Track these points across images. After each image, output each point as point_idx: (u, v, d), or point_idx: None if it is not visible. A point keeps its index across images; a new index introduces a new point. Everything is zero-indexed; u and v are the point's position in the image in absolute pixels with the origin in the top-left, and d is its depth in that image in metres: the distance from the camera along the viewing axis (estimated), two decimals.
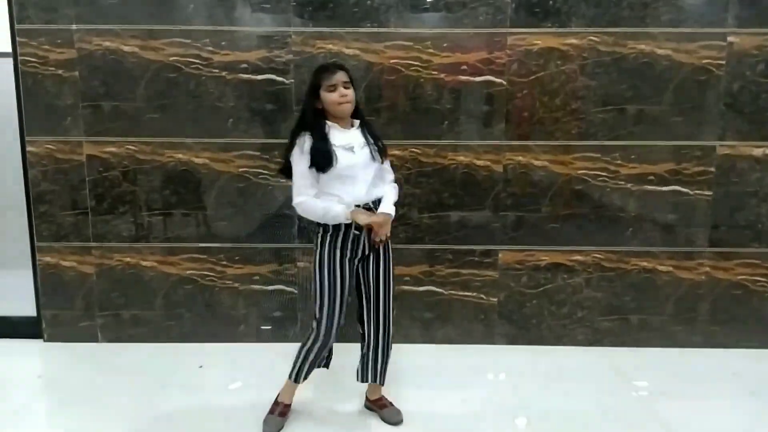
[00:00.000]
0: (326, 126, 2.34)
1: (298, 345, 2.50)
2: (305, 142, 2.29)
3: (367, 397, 2.67)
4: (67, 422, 2.59)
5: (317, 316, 2.42)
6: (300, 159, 2.30)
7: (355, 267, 2.43)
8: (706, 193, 3.15)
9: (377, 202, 2.39)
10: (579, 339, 3.30)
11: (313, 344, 2.45)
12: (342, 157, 2.29)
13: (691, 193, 3.16)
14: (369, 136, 2.41)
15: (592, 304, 3.27)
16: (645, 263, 3.23)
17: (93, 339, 3.33)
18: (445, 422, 2.57)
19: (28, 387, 2.90)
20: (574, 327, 3.29)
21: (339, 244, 2.37)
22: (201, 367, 3.06)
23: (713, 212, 3.17)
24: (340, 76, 2.31)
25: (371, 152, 2.37)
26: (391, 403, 2.62)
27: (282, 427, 2.52)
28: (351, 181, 2.34)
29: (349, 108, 2.34)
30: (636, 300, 3.26)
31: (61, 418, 2.64)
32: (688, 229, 3.19)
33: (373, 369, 2.53)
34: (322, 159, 2.28)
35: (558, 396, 2.79)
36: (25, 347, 3.29)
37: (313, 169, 2.29)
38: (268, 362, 3.10)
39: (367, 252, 2.41)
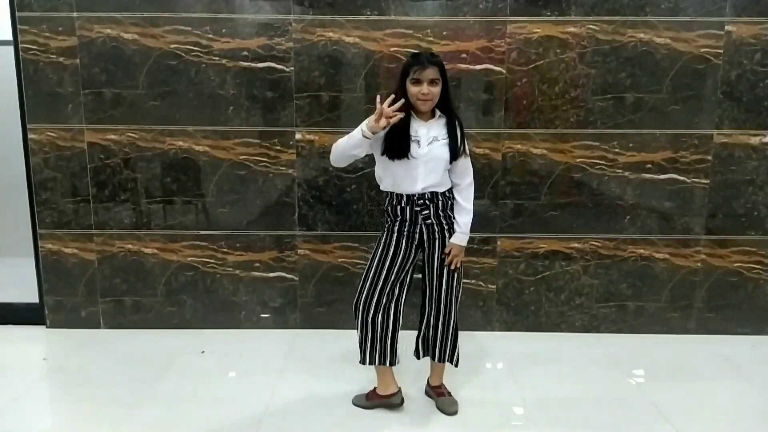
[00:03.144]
0: (409, 115, 2.32)
1: (298, 331, 2.52)
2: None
3: (428, 382, 2.67)
4: (69, 408, 2.62)
5: (358, 289, 2.49)
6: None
7: (414, 251, 2.45)
8: (703, 181, 3.18)
9: (436, 195, 2.38)
10: (576, 325, 3.34)
11: (356, 317, 2.51)
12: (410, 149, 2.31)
13: (688, 181, 3.19)
14: (448, 132, 2.37)
15: (590, 291, 3.30)
16: (642, 251, 3.26)
17: (95, 325, 3.35)
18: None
19: (32, 372, 2.93)
20: (572, 314, 3.33)
21: (398, 229, 2.42)
22: (203, 352, 3.09)
23: (710, 200, 3.20)
24: (429, 73, 2.26)
25: (441, 148, 2.34)
26: (449, 393, 2.60)
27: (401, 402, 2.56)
28: (410, 174, 2.35)
29: (429, 105, 2.31)
30: (633, 287, 3.30)
31: (63, 404, 2.68)
32: (684, 217, 3.22)
33: (433, 346, 2.55)
34: (397, 146, 2.30)
35: (555, 382, 2.82)
36: (28, 333, 3.32)
37: (364, 137, 2.25)
38: (269, 349, 3.13)
39: (428, 235, 2.42)
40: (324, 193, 3.22)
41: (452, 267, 2.43)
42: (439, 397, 2.58)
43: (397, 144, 2.31)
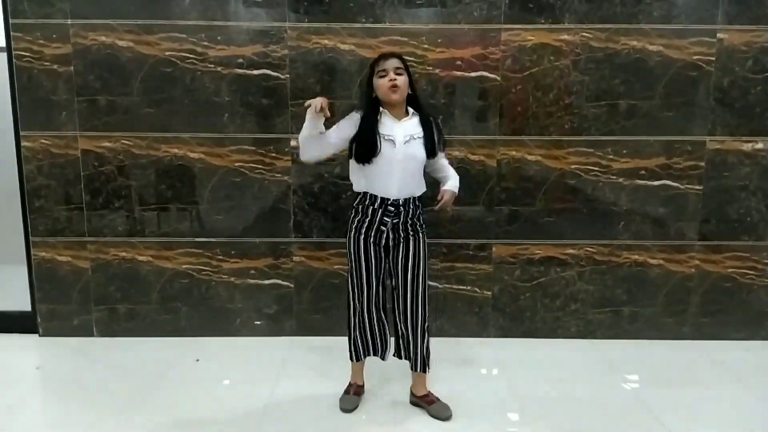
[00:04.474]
0: (379, 113, 2.38)
1: (293, 338, 2.52)
2: (354, 115, 2.39)
3: (412, 392, 2.65)
4: (63, 417, 2.59)
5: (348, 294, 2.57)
6: (339, 122, 2.41)
7: (380, 252, 2.49)
8: (697, 187, 3.20)
9: (410, 201, 2.42)
10: (572, 331, 3.34)
11: (350, 319, 2.59)
12: (383, 149, 2.34)
13: (681, 187, 3.21)
14: (424, 129, 2.41)
15: (585, 296, 3.31)
16: (636, 256, 3.27)
17: (88, 333, 3.33)
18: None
19: (25, 381, 2.90)
20: (567, 319, 3.34)
21: (364, 229, 2.44)
22: (198, 360, 3.07)
23: (703, 206, 3.22)
24: (392, 63, 2.33)
25: (417, 147, 2.38)
26: (438, 399, 2.59)
27: (357, 405, 2.60)
28: (386, 174, 2.37)
29: (399, 94, 2.34)
30: (627, 293, 3.31)
31: (57, 413, 2.65)
32: (678, 222, 3.24)
33: (411, 354, 2.57)
34: (366, 148, 2.34)
35: (551, 387, 2.82)
36: (20, 342, 3.30)
37: (335, 133, 2.38)
38: (264, 356, 3.12)
39: (393, 239, 2.46)
40: (319, 199, 3.22)
41: (440, 207, 2.46)
42: (430, 405, 2.57)
43: (366, 147, 2.35)
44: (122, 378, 2.89)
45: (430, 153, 2.40)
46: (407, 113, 2.42)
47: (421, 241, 2.49)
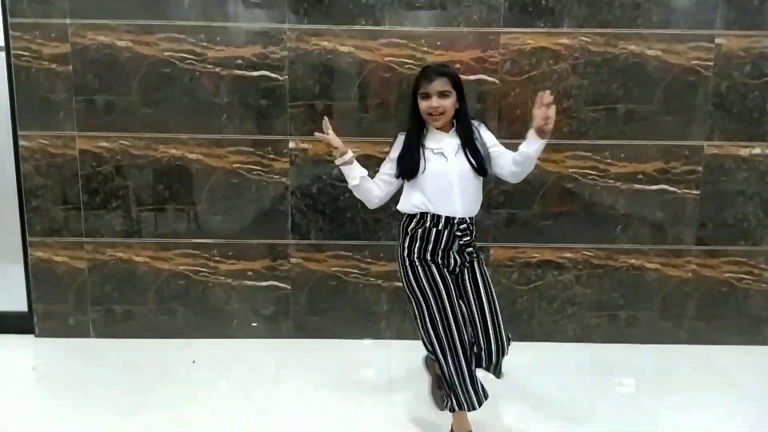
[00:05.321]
0: (424, 130, 2.25)
1: (290, 340, 2.49)
2: (399, 139, 2.28)
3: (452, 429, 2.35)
4: (60, 417, 2.59)
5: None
6: (389, 153, 2.30)
7: (445, 274, 2.24)
8: (694, 191, 3.21)
9: (473, 221, 2.25)
10: (569, 335, 3.35)
11: (444, 368, 2.21)
12: (432, 162, 2.18)
13: (679, 191, 3.21)
14: (468, 146, 2.20)
15: (582, 300, 3.32)
16: (633, 260, 3.28)
17: (85, 334, 3.32)
18: (433, 417, 2.58)
19: (21, 382, 2.89)
20: (564, 323, 3.34)
21: (430, 258, 2.22)
22: (194, 362, 3.07)
23: (701, 211, 3.23)
24: (437, 85, 2.14)
25: (470, 162, 2.19)
26: None
27: None
28: (445, 191, 2.18)
29: (441, 121, 2.19)
30: (624, 297, 3.31)
31: (54, 413, 2.64)
32: (675, 227, 3.25)
33: (491, 365, 2.32)
34: (407, 166, 2.20)
35: (548, 391, 2.83)
36: (16, 342, 3.28)
37: (391, 165, 2.26)
38: (261, 358, 3.11)
39: (458, 263, 2.25)
40: (317, 201, 3.21)
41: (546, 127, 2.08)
42: None
43: (409, 161, 2.20)
44: (118, 379, 2.88)
45: (478, 163, 2.19)
46: (453, 126, 2.27)
47: (482, 259, 2.33)
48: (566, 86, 3.11)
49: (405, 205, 2.29)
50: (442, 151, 2.20)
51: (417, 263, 2.23)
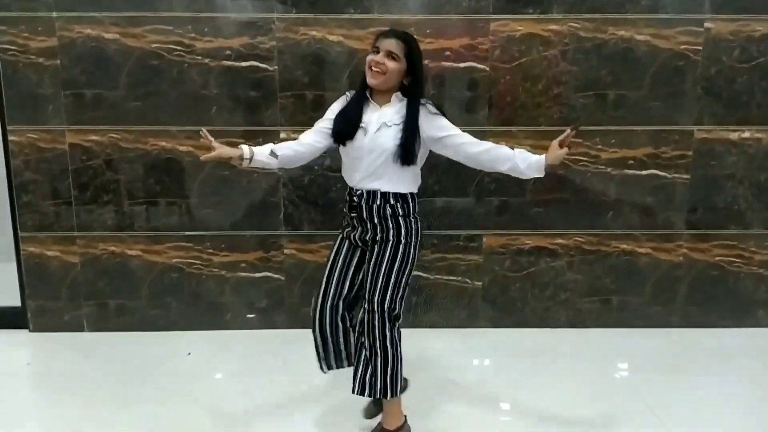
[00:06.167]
0: (364, 98, 2.17)
1: (285, 331, 2.51)
2: (341, 98, 2.23)
3: (380, 424, 2.34)
4: (56, 411, 2.59)
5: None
6: (331, 106, 2.24)
7: (352, 248, 2.29)
8: (684, 176, 3.22)
9: (374, 195, 2.16)
10: (562, 321, 3.37)
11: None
12: (357, 135, 2.14)
13: (669, 176, 3.23)
14: (407, 114, 2.11)
15: (574, 286, 3.34)
16: (625, 246, 3.30)
17: (79, 329, 3.32)
18: (431, 404, 2.61)
19: (16, 377, 2.89)
20: (557, 309, 3.36)
21: (344, 220, 2.31)
22: (189, 354, 3.07)
23: (691, 195, 3.24)
24: (389, 44, 2.07)
25: (387, 136, 2.10)
26: None
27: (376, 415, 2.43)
28: (355, 163, 2.17)
29: (377, 80, 2.09)
30: (616, 282, 3.33)
31: (49, 407, 2.65)
32: (666, 211, 3.26)
33: (366, 379, 2.22)
34: (343, 127, 2.14)
35: (541, 377, 2.85)
36: (10, 338, 3.28)
37: (329, 120, 2.19)
38: (256, 349, 3.12)
39: (368, 238, 2.22)
40: (309, 192, 3.21)
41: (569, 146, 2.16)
42: None
43: (344, 126, 2.15)
44: (114, 372, 2.89)
45: (404, 144, 2.10)
46: (391, 99, 2.17)
47: (392, 247, 2.18)
48: (556, 73, 3.11)
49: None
50: (366, 126, 2.14)
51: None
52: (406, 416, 2.34)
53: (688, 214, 3.26)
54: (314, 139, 2.23)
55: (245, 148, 2.14)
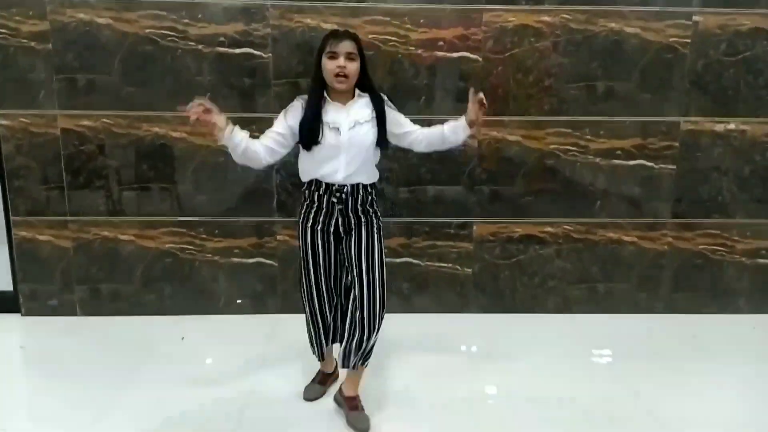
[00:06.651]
0: (323, 100, 2.21)
1: (278, 316, 2.52)
2: (296, 104, 2.24)
3: (341, 390, 2.49)
4: (50, 395, 2.61)
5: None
6: (281, 114, 2.26)
7: (331, 240, 2.35)
8: (670, 167, 3.29)
9: (358, 188, 2.26)
10: (550, 307, 3.44)
11: (306, 316, 2.50)
12: (327, 137, 2.18)
13: (656, 167, 3.29)
14: (375, 110, 2.24)
15: (562, 273, 3.40)
16: (612, 234, 3.36)
17: (71, 313, 3.33)
18: (421, 388, 2.66)
19: (10, 361, 2.91)
20: (546, 295, 3.43)
21: (313, 218, 2.32)
22: (183, 338, 3.10)
23: (677, 185, 3.31)
24: (346, 46, 2.13)
25: (364, 133, 2.22)
26: (362, 408, 2.42)
27: (321, 395, 2.59)
28: (332, 162, 2.22)
29: (346, 84, 2.17)
30: (603, 269, 3.41)
31: (44, 391, 2.66)
32: (652, 201, 3.33)
33: (352, 349, 2.36)
34: (308, 134, 2.18)
35: (529, 362, 2.91)
36: (2, 322, 3.28)
37: (285, 127, 2.22)
38: (249, 334, 3.15)
39: (343, 227, 2.32)
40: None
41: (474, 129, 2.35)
42: (352, 410, 2.40)
43: (309, 132, 2.19)
44: (108, 356, 2.91)
45: (381, 137, 2.26)
46: (353, 96, 2.25)
47: (374, 227, 2.33)
48: (548, 64, 3.15)
49: (301, 173, 2.36)
50: (338, 127, 2.20)
51: (302, 227, 2.35)
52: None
53: (673, 203, 3.34)
54: (273, 146, 2.25)
55: (228, 122, 2.17)
